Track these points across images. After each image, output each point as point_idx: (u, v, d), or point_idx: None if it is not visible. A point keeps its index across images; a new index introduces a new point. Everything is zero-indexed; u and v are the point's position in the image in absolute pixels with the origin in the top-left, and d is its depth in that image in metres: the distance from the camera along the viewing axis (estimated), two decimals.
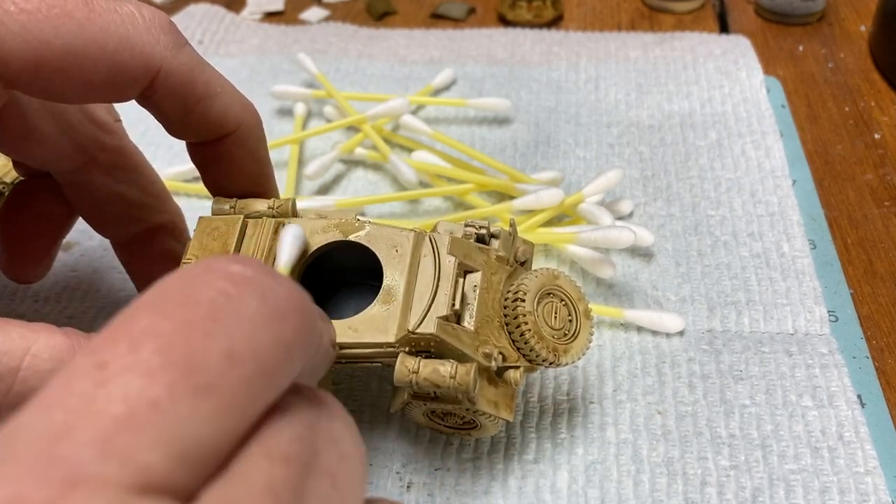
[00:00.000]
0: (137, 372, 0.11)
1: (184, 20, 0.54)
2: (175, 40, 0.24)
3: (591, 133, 0.44)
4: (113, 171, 0.29)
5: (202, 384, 0.12)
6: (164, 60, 0.24)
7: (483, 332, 0.25)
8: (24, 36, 0.21)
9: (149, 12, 0.24)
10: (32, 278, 0.31)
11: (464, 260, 0.25)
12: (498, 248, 0.27)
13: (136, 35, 0.23)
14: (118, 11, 0.23)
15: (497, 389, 0.25)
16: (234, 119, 0.26)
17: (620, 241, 0.33)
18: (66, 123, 0.27)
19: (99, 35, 0.22)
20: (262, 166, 0.28)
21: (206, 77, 0.25)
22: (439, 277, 0.24)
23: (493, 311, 0.25)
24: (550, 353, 0.25)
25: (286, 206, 0.27)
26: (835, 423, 0.29)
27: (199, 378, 0.12)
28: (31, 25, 0.21)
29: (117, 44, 0.22)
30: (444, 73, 0.48)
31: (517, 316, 0.25)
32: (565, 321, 0.26)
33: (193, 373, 0.12)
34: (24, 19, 0.21)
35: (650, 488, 0.28)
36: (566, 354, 0.26)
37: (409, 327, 0.23)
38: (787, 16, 0.54)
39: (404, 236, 0.25)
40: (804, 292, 0.34)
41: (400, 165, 0.39)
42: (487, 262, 0.26)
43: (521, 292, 0.25)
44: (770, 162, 0.41)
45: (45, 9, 0.21)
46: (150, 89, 0.24)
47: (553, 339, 0.26)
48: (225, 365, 0.12)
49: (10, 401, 0.21)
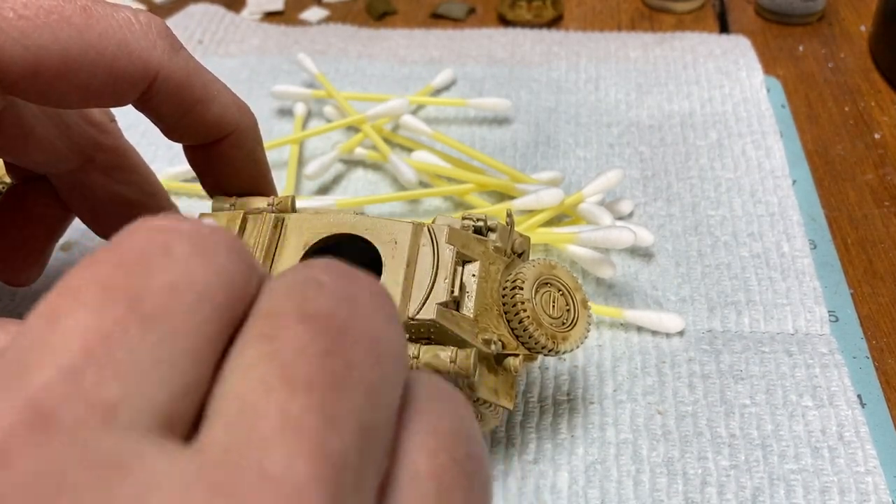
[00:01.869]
0: (84, 311, 0.11)
1: (184, 20, 0.54)
2: (171, 44, 0.24)
3: (591, 133, 0.44)
4: (110, 172, 0.29)
5: (149, 312, 0.12)
6: (161, 64, 0.24)
7: (482, 320, 0.25)
8: (22, 42, 0.21)
9: (145, 17, 0.24)
10: (25, 281, 0.31)
11: (462, 250, 0.25)
12: (496, 240, 0.27)
13: (134, 40, 0.23)
14: (115, 17, 0.23)
15: (497, 377, 0.26)
16: (230, 121, 0.26)
17: (620, 241, 0.33)
18: (63, 125, 0.27)
19: (97, 40, 0.22)
20: (260, 167, 0.28)
21: (202, 80, 0.25)
22: (438, 266, 0.25)
23: (492, 299, 0.26)
24: (549, 341, 0.25)
25: (286, 203, 0.27)
26: (835, 423, 0.29)
27: (145, 307, 0.12)
28: (30, 31, 0.21)
29: (115, 49, 0.23)
30: (444, 73, 0.48)
31: (516, 303, 0.25)
32: (563, 310, 0.26)
33: (138, 303, 0.12)
34: (23, 25, 0.21)
35: (650, 488, 0.28)
36: (565, 342, 0.26)
37: (409, 314, 0.24)
38: (787, 16, 0.54)
39: (402, 228, 0.25)
40: (804, 292, 0.34)
41: (400, 165, 0.39)
42: (485, 252, 0.26)
43: (520, 280, 0.26)
44: (770, 162, 0.41)
45: (43, 15, 0.21)
46: (148, 93, 0.24)
47: (551, 327, 0.26)
48: (167, 295, 0.12)
49: None
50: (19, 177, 0.31)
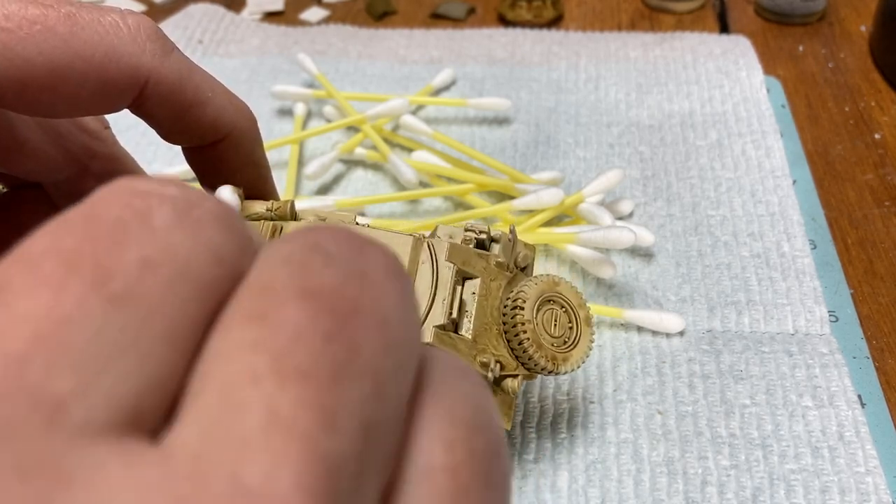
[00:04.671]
0: (40, 289, 0.10)
1: (183, 20, 0.54)
2: (162, 47, 0.24)
3: (591, 133, 0.44)
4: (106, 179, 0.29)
5: (118, 292, 0.10)
6: (151, 69, 0.23)
7: (481, 340, 0.25)
8: (5, 55, 0.20)
9: (133, 20, 0.23)
10: None
11: (462, 266, 0.25)
12: (498, 254, 0.26)
13: (122, 45, 0.22)
14: (101, 22, 0.22)
15: (495, 398, 0.25)
16: (227, 122, 0.26)
17: (621, 241, 0.33)
18: (56, 134, 0.27)
19: (83, 49, 0.22)
20: (260, 168, 0.28)
21: (195, 82, 0.25)
22: (437, 285, 0.24)
23: (492, 318, 0.25)
24: (549, 363, 0.25)
25: (284, 209, 0.27)
26: (835, 423, 0.29)
27: (113, 286, 0.10)
28: (13, 44, 0.21)
29: (103, 56, 0.22)
30: (444, 73, 0.48)
31: (516, 324, 0.25)
32: (565, 328, 0.26)
33: (106, 281, 0.10)
34: (5, 38, 0.20)
35: (650, 488, 0.28)
36: (565, 363, 0.25)
37: None
38: (787, 16, 0.54)
39: (402, 241, 0.25)
40: (804, 292, 0.34)
41: (400, 165, 0.39)
42: (487, 268, 0.26)
43: (521, 300, 0.25)
44: (770, 161, 0.41)
45: (26, 26, 0.21)
46: (141, 98, 0.24)
47: (552, 348, 0.25)
48: (140, 271, 0.10)
49: None
50: (11, 184, 0.31)
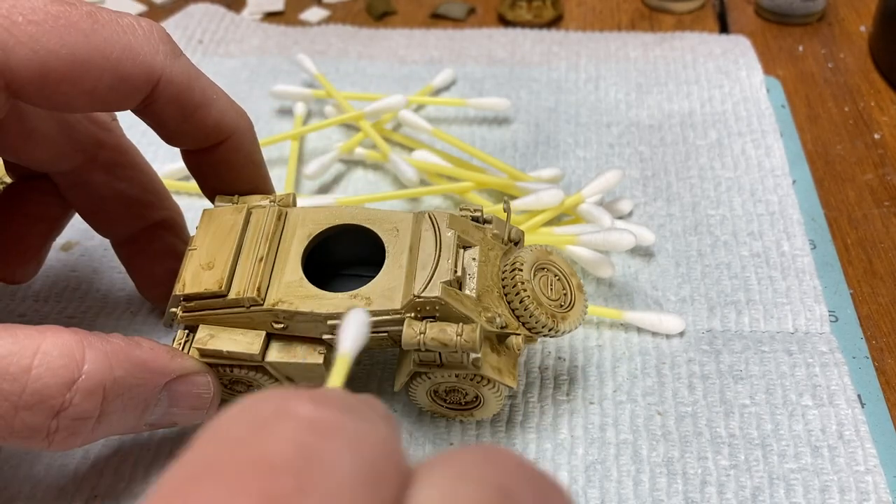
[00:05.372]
0: None
1: (184, 20, 0.54)
2: (172, 50, 0.25)
3: (591, 133, 0.44)
4: (112, 169, 0.30)
5: None
6: (164, 69, 0.24)
7: (484, 300, 0.26)
8: (31, 46, 0.21)
9: (146, 23, 0.24)
10: (21, 278, 0.31)
11: (462, 235, 0.26)
12: (493, 228, 0.28)
13: (138, 45, 0.24)
14: (119, 22, 0.23)
15: (500, 357, 0.26)
16: (229, 125, 0.27)
17: (621, 243, 0.33)
18: (66, 124, 0.28)
19: (103, 45, 0.23)
20: (258, 168, 0.29)
21: (201, 85, 0.26)
22: (441, 249, 0.26)
23: (492, 282, 0.26)
24: (549, 319, 0.26)
25: (287, 200, 0.29)
26: (835, 422, 0.29)
27: None
28: (39, 36, 0.22)
29: (120, 53, 0.23)
30: (444, 73, 0.48)
31: (516, 284, 0.26)
32: (560, 293, 0.27)
33: None
34: (32, 30, 0.21)
35: (650, 488, 0.28)
36: (564, 321, 0.27)
37: (415, 292, 0.24)
38: (787, 16, 0.54)
39: (402, 217, 0.27)
40: (804, 291, 0.34)
41: (400, 164, 0.39)
42: (484, 238, 0.27)
43: (519, 263, 0.26)
44: (770, 161, 0.41)
45: (51, 20, 0.22)
46: (151, 97, 0.25)
47: (551, 308, 0.26)
48: None
49: (25, 400, 0.21)
50: (20, 175, 0.31)
